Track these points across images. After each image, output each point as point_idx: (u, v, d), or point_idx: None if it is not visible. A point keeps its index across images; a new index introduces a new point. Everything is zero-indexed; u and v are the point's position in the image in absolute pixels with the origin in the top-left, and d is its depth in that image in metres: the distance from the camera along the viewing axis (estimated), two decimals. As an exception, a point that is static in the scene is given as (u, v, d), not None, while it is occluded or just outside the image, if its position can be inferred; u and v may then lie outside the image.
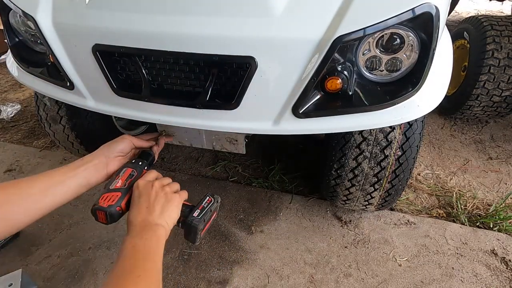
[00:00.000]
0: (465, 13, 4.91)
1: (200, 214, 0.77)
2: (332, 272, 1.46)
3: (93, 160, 0.86)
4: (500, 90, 2.08)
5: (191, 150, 2.23)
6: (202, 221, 0.76)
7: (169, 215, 0.75)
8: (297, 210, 1.75)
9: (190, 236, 0.77)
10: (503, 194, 1.87)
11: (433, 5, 0.87)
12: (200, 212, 0.77)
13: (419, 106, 1.02)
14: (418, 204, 1.82)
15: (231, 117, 1.09)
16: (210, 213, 0.80)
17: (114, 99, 1.18)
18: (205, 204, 0.80)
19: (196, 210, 0.78)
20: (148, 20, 1.00)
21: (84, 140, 1.72)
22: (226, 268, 1.48)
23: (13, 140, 2.39)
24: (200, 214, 0.77)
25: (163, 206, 0.75)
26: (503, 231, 1.63)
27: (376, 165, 1.28)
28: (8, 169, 2.07)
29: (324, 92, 1.02)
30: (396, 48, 0.96)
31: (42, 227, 1.67)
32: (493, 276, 1.44)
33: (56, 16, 1.10)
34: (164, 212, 0.75)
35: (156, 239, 0.69)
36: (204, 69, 1.05)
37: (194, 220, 0.76)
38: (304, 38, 0.92)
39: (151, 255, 0.67)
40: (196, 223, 0.75)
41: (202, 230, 0.77)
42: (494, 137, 2.36)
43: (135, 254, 0.65)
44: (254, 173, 2.04)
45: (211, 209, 0.80)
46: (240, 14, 0.95)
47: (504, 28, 2.06)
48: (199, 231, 0.75)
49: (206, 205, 0.80)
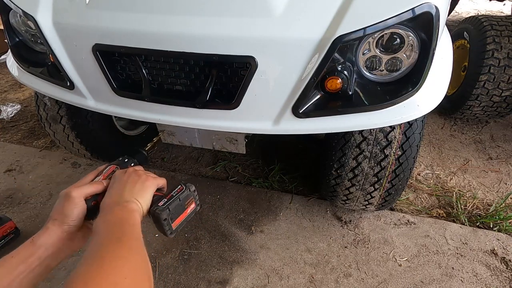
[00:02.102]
0: (465, 13, 4.91)
1: (166, 203, 0.71)
2: (332, 272, 1.46)
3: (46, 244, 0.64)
4: (500, 90, 2.08)
5: (191, 150, 2.23)
6: (166, 210, 0.69)
7: (141, 194, 0.69)
8: (297, 210, 1.75)
9: (158, 226, 0.71)
10: (503, 194, 1.87)
11: (433, 5, 0.87)
12: (166, 201, 0.71)
13: (419, 106, 1.02)
14: (418, 204, 1.82)
15: (231, 117, 1.09)
16: (179, 202, 0.74)
17: (114, 99, 1.18)
18: (174, 193, 0.74)
19: (163, 199, 0.72)
20: (148, 20, 1.00)
21: (84, 139, 1.72)
22: (226, 268, 1.48)
23: (13, 140, 2.39)
24: (165, 203, 0.71)
25: (134, 184, 0.70)
26: (503, 231, 1.63)
27: (376, 164, 1.28)
28: (8, 169, 2.07)
29: (324, 92, 1.02)
30: (396, 48, 0.96)
31: (42, 226, 1.67)
32: (493, 276, 1.44)
33: (56, 16, 1.10)
34: (134, 190, 0.69)
35: (127, 211, 0.64)
36: (204, 69, 1.05)
37: (157, 209, 0.69)
38: (304, 38, 0.92)
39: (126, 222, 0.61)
40: (159, 212, 0.69)
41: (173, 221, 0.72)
42: (494, 137, 2.36)
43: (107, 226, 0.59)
44: (254, 173, 2.04)
45: (179, 197, 0.74)
46: (240, 14, 0.95)
47: (504, 28, 2.06)
48: (163, 220, 0.69)
49: (175, 194, 0.74)
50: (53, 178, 1.99)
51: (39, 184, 1.95)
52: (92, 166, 2.07)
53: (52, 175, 2.02)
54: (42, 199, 1.84)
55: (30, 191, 1.89)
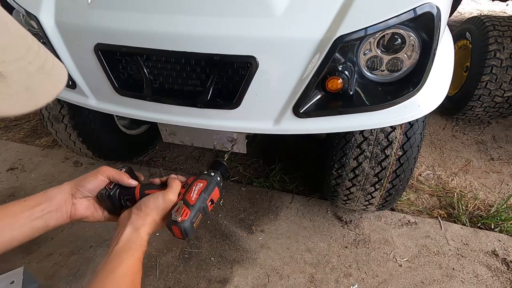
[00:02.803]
0: (467, 13, 4.89)
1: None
2: (332, 272, 1.46)
3: (55, 198, 0.70)
4: (502, 91, 2.07)
5: (192, 149, 2.23)
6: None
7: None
8: (298, 210, 1.75)
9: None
10: (505, 195, 1.86)
11: (434, 5, 0.87)
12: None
13: (420, 106, 1.02)
14: (419, 204, 1.81)
15: (232, 117, 1.10)
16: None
17: (115, 98, 1.19)
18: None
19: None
20: (149, 19, 1.01)
21: (85, 138, 1.73)
22: (226, 267, 1.48)
23: (16, 138, 2.40)
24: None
25: None
26: (504, 232, 1.62)
27: (377, 165, 1.28)
28: (11, 167, 2.08)
29: (325, 92, 1.02)
30: (397, 48, 0.96)
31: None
32: (494, 277, 1.44)
33: (58, 16, 1.11)
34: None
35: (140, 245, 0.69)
36: (205, 68, 1.06)
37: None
38: (305, 38, 0.92)
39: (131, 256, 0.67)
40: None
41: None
42: (496, 138, 2.35)
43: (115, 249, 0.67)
44: (254, 172, 2.04)
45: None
46: (242, 14, 0.95)
47: (506, 29, 2.05)
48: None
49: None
50: (55, 176, 2.00)
51: (41, 182, 1.96)
52: (94, 165, 2.08)
53: (54, 173, 2.03)
54: (44, 197, 1.85)
55: (32, 190, 1.90)
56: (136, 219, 0.69)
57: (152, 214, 0.70)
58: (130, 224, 0.68)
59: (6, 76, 0.30)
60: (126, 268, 0.61)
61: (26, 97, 0.32)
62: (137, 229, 0.67)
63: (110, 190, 0.74)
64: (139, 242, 0.66)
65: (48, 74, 0.35)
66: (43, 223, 0.67)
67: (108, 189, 0.74)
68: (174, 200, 0.73)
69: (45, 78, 0.35)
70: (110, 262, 0.62)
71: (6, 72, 0.30)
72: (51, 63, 0.36)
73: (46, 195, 0.70)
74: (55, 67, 0.37)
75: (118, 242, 0.65)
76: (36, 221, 0.66)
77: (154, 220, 0.71)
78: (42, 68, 0.34)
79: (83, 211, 0.74)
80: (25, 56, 0.33)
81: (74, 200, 0.72)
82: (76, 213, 0.72)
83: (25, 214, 0.65)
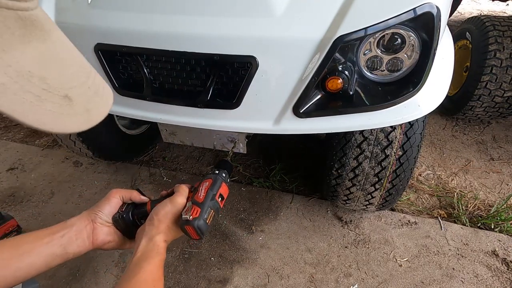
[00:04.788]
0: (467, 13, 4.89)
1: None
2: (332, 272, 1.46)
3: (74, 225, 0.70)
4: (502, 91, 2.07)
5: (192, 149, 2.23)
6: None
7: None
8: (298, 210, 1.75)
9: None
10: (505, 195, 1.86)
11: (434, 5, 0.87)
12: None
13: (420, 106, 1.02)
14: (419, 204, 1.81)
15: (232, 117, 1.10)
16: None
17: (115, 98, 1.18)
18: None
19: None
20: (150, 19, 1.01)
21: (85, 138, 1.73)
22: (226, 267, 1.48)
23: (16, 138, 2.40)
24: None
25: None
26: (505, 232, 1.62)
27: (377, 164, 1.28)
28: (11, 167, 2.08)
29: (325, 92, 1.02)
30: (397, 48, 0.96)
31: (44, 225, 1.68)
32: (494, 277, 1.44)
33: (58, 15, 1.11)
34: None
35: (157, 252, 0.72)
36: (205, 68, 1.06)
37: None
38: (305, 38, 0.92)
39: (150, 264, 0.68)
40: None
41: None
42: (496, 138, 2.35)
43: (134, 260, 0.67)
44: (254, 172, 2.04)
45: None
46: (242, 14, 0.95)
47: (506, 29, 2.05)
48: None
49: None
50: (55, 176, 2.00)
51: (41, 182, 1.96)
52: (94, 165, 2.08)
53: (54, 173, 2.03)
54: (44, 197, 1.85)
55: (32, 190, 1.90)
56: (150, 230, 0.70)
57: (165, 221, 0.71)
58: (145, 236, 0.69)
59: (72, 99, 0.35)
60: (145, 274, 0.62)
61: (85, 117, 0.37)
62: (152, 238, 0.68)
63: (122, 212, 0.76)
64: (156, 250, 0.67)
65: (101, 96, 0.40)
66: (62, 249, 0.68)
67: (120, 212, 0.76)
68: (182, 203, 0.74)
69: (99, 100, 0.40)
70: (129, 271, 0.63)
71: (73, 96, 0.35)
72: (102, 86, 0.42)
73: (65, 223, 0.71)
74: (105, 89, 0.42)
75: (135, 254, 0.66)
76: (55, 247, 0.67)
77: (167, 227, 0.71)
78: (97, 92, 0.40)
79: (104, 236, 0.75)
80: (86, 82, 0.38)
81: (95, 225, 0.74)
82: (98, 239, 0.74)
83: (45, 240, 0.66)
